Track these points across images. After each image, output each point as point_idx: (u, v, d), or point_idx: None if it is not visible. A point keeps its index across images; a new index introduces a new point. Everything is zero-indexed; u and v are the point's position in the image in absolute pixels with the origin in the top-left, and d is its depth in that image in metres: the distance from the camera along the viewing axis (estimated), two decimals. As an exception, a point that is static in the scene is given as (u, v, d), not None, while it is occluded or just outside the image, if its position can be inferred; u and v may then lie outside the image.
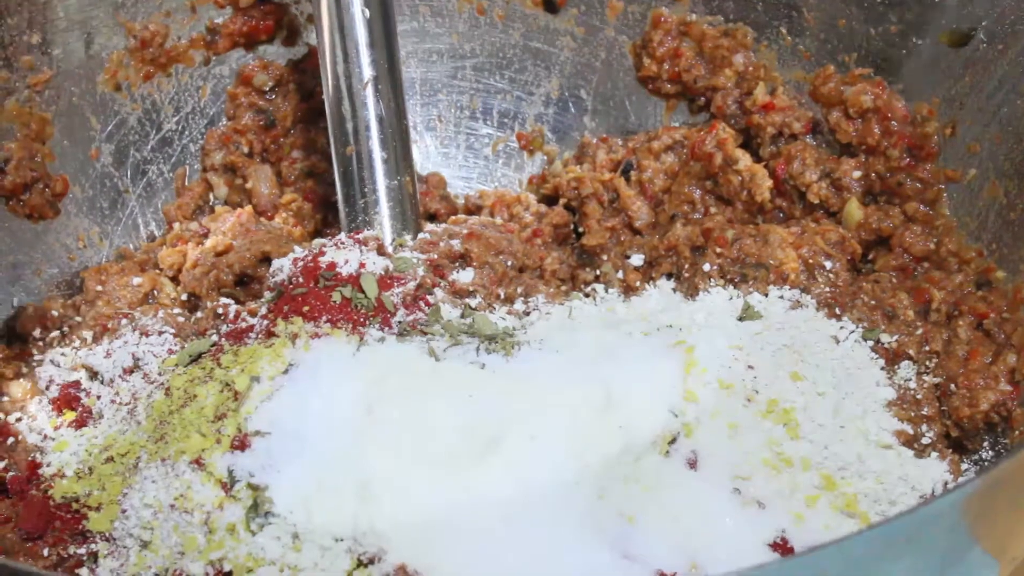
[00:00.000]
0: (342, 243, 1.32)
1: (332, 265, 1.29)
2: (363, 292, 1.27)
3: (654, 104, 1.57)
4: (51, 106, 1.41)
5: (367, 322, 1.25)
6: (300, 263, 1.30)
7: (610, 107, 1.59)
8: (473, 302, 1.30)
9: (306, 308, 1.25)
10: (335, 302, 1.27)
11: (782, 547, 1.10)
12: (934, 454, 1.21)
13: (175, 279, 1.39)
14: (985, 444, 1.28)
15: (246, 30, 1.49)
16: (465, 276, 1.32)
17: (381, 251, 1.33)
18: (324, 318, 1.24)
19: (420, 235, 1.37)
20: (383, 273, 1.29)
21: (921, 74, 1.45)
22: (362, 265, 1.29)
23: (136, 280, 1.36)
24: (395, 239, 1.37)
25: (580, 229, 1.46)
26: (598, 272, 1.41)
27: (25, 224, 1.41)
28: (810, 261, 1.33)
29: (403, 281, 1.29)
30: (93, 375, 1.26)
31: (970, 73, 1.40)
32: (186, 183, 1.53)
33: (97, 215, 1.48)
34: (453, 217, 1.46)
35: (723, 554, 1.08)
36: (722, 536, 1.10)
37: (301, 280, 1.28)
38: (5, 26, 1.37)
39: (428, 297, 1.29)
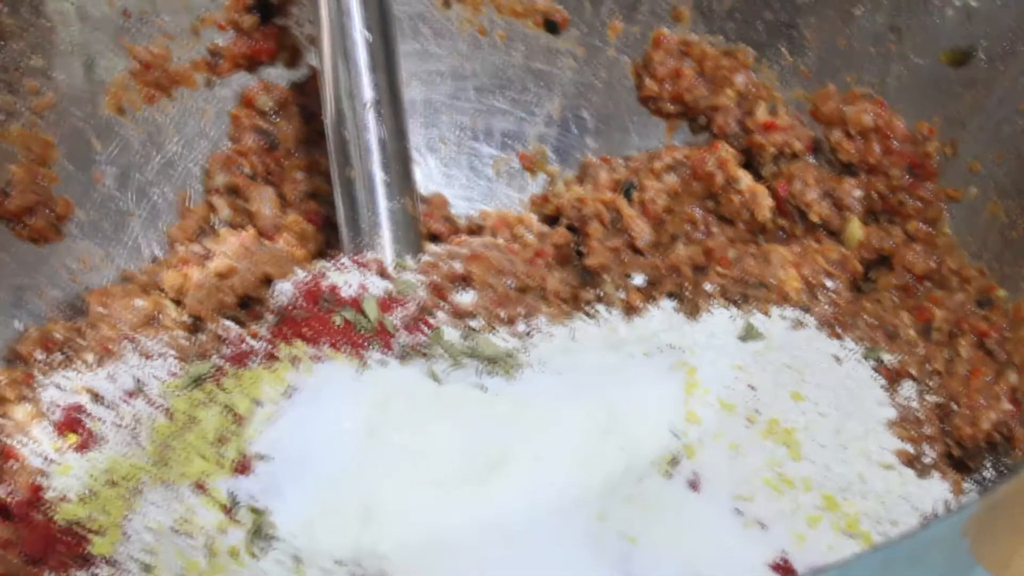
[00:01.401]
0: (343, 265, 1.33)
1: (333, 288, 1.29)
2: (364, 315, 1.28)
3: (656, 124, 1.57)
4: (54, 129, 1.42)
5: (368, 345, 1.25)
6: (302, 286, 1.30)
7: (612, 127, 1.59)
8: (475, 323, 1.30)
9: (307, 331, 1.25)
10: (337, 325, 1.27)
11: (784, 568, 1.09)
12: (936, 474, 1.20)
13: (178, 301, 1.39)
14: (987, 463, 1.27)
15: (248, 52, 1.49)
16: (467, 298, 1.32)
17: (383, 273, 1.33)
18: (325, 341, 1.24)
19: (422, 257, 1.36)
20: (384, 296, 1.30)
21: (922, 94, 1.44)
22: (363, 288, 1.29)
23: (139, 302, 1.36)
24: (397, 261, 1.37)
25: (582, 249, 1.46)
26: (600, 292, 1.40)
27: (28, 247, 1.42)
28: (811, 280, 1.33)
29: (405, 303, 1.29)
30: (96, 398, 1.27)
31: (970, 92, 1.40)
32: (189, 205, 1.53)
33: (100, 238, 1.48)
34: (455, 238, 1.47)
35: (725, 575, 1.08)
36: (724, 557, 1.10)
37: (302, 303, 1.28)
38: (8, 50, 1.37)
39: (430, 319, 1.29)
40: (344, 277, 1.31)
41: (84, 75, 1.44)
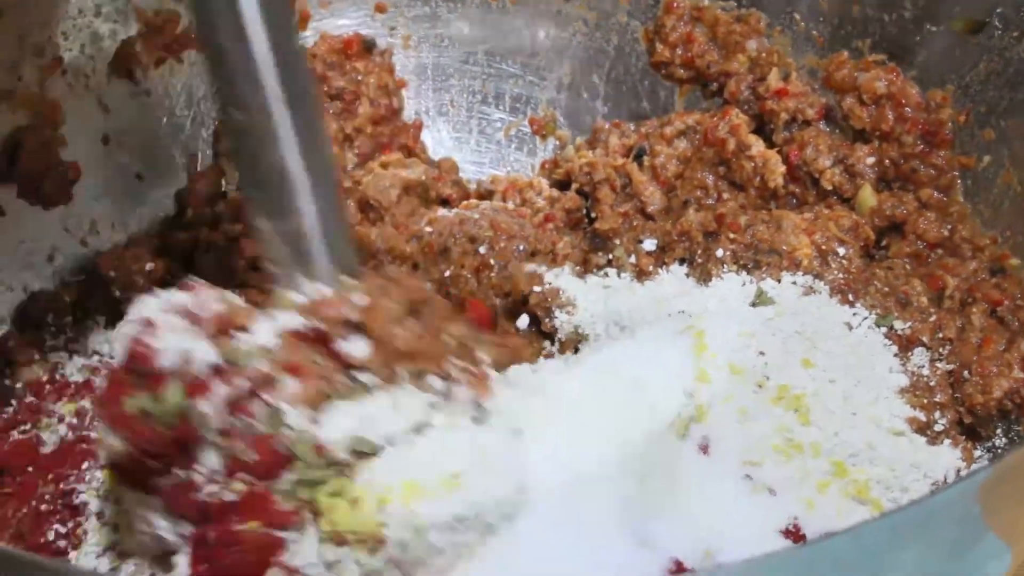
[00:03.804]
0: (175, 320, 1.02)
1: (150, 356, 1.01)
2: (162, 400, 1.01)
3: (667, 89, 1.55)
4: (63, 93, 1.39)
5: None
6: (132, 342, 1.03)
7: (622, 92, 1.57)
8: (366, 379, 1.07)
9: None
10: (127, 412, 1.00)
11: (794, 534, 1.07)
12: (947, 441, 1.19)
13: (188, 264, 1.38)
14: (999, 431, 1.25)
15: None
16: (357, 349, 1.06)
17: (221, 330, 1.03)
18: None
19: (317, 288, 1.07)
20: (207, 369, 1.01)
21: (936, 61, 1.42)
22: (186, 358, 1.01)
23: (149, 265, 1.34)
24: (281, 288, 1.08)
25: (592, 215, 1.44)
26: (610, 256, 1.38)
27: (38, 211, 1.39)
28: (823, 247, 1.30)
29: (234, 380, 1.02)
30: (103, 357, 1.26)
31: (985, 60, 1.38)
32: (199, 168, 1.52)
33: (110, 201, 1.46)
34: (465, 202, 1.45)
35: (735, 541, 1.06)
36: (734, 523, 1.08)
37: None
38: (17, 13, 1.35)
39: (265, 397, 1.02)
40: (168, 336, 1.02)
41: (92, 38, 1.41)
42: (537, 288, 1.32)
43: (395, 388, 1.06)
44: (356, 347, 1.05)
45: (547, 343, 1.32)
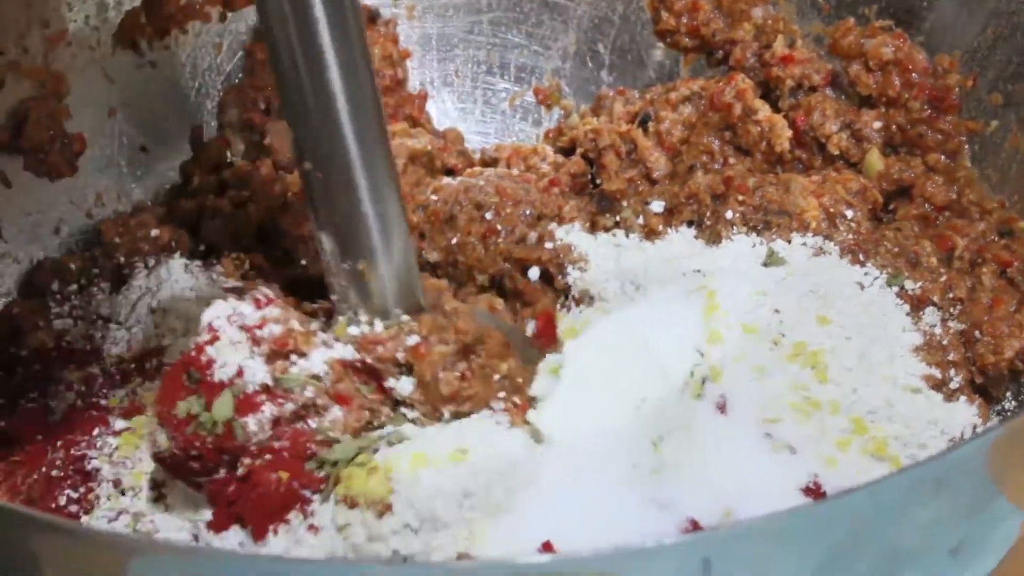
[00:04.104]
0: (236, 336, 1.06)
1: (208, 365, 1.05)
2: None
3: (672, 58, 1.54)
4: (67, 64, 1.37)
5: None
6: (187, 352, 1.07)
7: (628, 61, 1.55)
8: (410, 414, 1.10)
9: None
10: (179, 415, 1.04)
11: (815, 491, 1.05)
12: (962, 398, 1.17)
13: (194, 231, 1.36)
14: (1008, 394, 1.24)
15: None
16: (404, 387, 1.09)
17: (276, 354, 1.06)
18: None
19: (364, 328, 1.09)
20: (258, 387, 1.05)
21: (942, 26, 1.41)
22: (240, 372, 1.05)
23: (154, 232, 1.33)
24: (343, 320, 1.10)
25: (598, 181, 1.41)
26: (618, 218, 1.36)
27: (44, 182, 1.37)
28: (831, 210, 1.28)
29: (282, 402, 1.06)
30: (107, 322, 1.25)
31: (992, 25, 1.36)
32: (204, 140, 1.49)
33: (115, 173, 1.44)
34: (469, 170, 1.42)
35: (756, 500, 1.03)
36: (755, 482, 1.06)
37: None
38: None
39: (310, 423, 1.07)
40: (229, 352, 1.06)
41: (97, 9, 1.39)
42: (548, 244, 1.31)
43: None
44: (404, 386, 1.09)
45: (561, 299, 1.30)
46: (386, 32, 1.50)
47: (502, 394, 1.12)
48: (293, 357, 1.08)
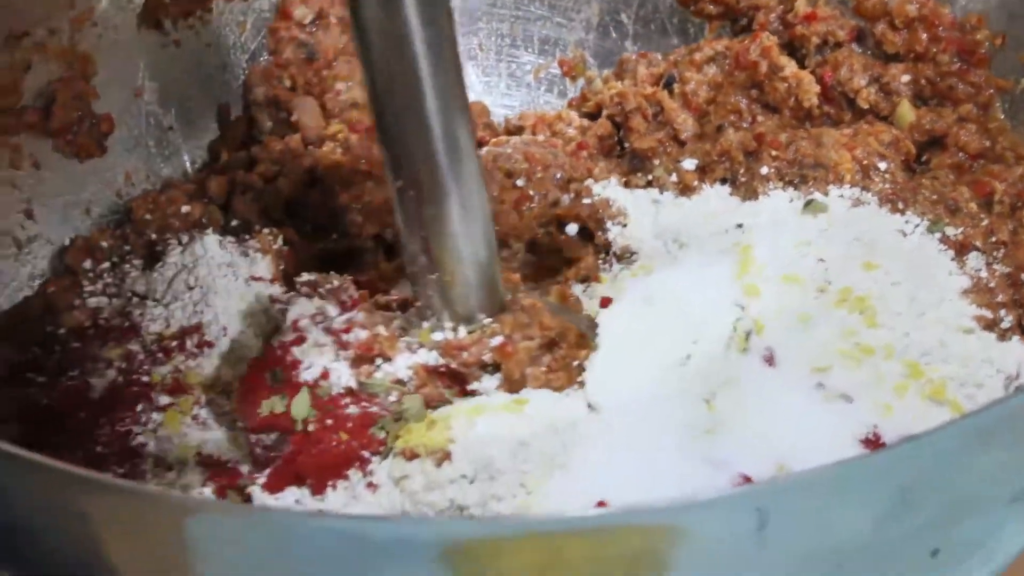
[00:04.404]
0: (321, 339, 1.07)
1: (294, 365, 1.07)
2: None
3: (696, 26, 1.51)
4: (93, 44, 1.34)
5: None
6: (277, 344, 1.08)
7: (651, 30, 1.52)
8: None
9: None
10: (260, 414, 1.06)
11: (873, 442, 1.02)
12: (1015, 338, 1.14)
13: (224, 207, 1.33)
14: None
15: None
16: (488, 387, 1.10)
17: (362, 359, 1.07)
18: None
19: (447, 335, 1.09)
20: (342, 390, 1.06)
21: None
22: (325, 374, 1.07)
23: (185, 208, 1.30)
24: (426, 326, 1.10)
25: (625, 144, 1.38)
26: (650, 177, 1.34)
27: (73, 164, 1.35)
28: (864, 162, 1.26)
29: (366, 406, 1.06)
30: (142, 299, 1.25)
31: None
32: (231, 118, 1.47)
33: (143, 153, 1.41)
34: (494, 139, 1.40)
35: (810, 453, 1.00)
36: (808, 434, 1.03)
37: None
38: None
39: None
40: (315, 354, 1.07)
41: None
42: (587, 200, 1.29)
43: None
44: (487, 385, 1.09)
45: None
46: (410, 5, 1.48)
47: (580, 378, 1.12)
48: (378, 361, 1.08)
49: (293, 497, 1.02)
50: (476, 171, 1.05)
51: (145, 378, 1.19)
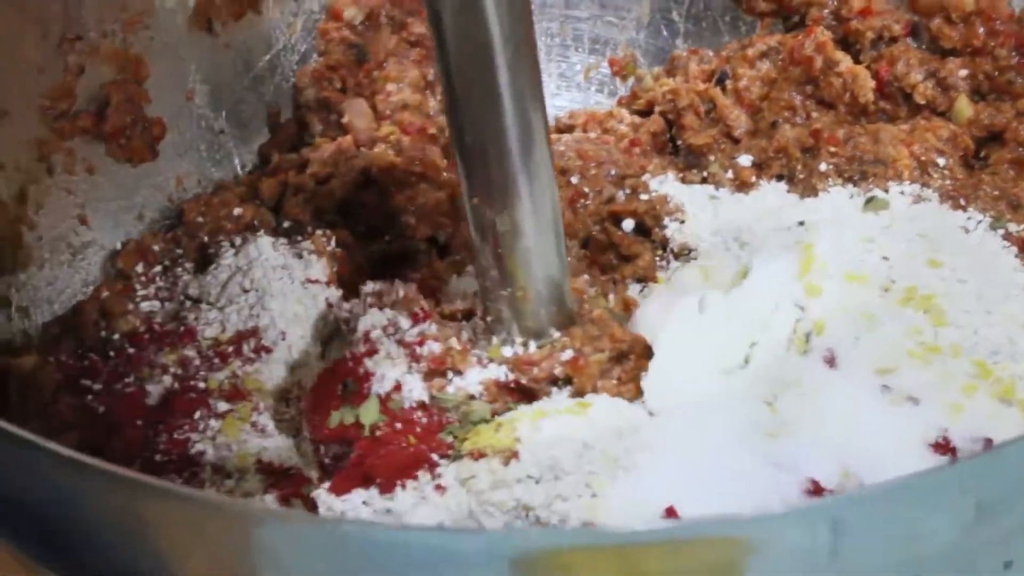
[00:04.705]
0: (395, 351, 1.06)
1: (366, 376, 1.06)
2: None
3: (748, 24, 1.47)
4: (145, 47, 1.33)
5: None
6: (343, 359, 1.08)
7: (702, 28, 1.49)
8: None
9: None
10: (330, 425, 1.05)
11: (944, 447, 0.99)
12: None
13: (276, 209, 1.31)
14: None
15: None
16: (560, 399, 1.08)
17: (434, 372, 1.06)
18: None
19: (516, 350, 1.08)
20: (414, 404, 1.04)
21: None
22: (397, 387, 1.05)
23: (237, 210, 1.28)
24: (496, 341, 1.08)
25: (678, 142, 1.36)
26: (705, 173, 1.31)
27: (125, 169, 1.33)
28: (923, 158, 1.23)
29: (433, 416, 1.05)
30: (196, 303, 1.22)
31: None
32: (281, 121, 1.45)
33: (195, 157, 1.39)
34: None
35: (877, 457, 0.98)
36: (874, 437, 1.00)
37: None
38: None
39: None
40: (388, 366, 1.05)
41: None
42: (643, 196, 1.26)
43: None
44: (559, 400, 1.07)
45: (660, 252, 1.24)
46: (460, 5, 1.46)
47: None
48: (450, 375, 1.06)
49: (360, 499, 1.00)
50: (551, 185, 1.03)
51: (202, 384, 1.16)
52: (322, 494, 1.00)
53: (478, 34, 0.92)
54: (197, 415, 1.14)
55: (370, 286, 1.13)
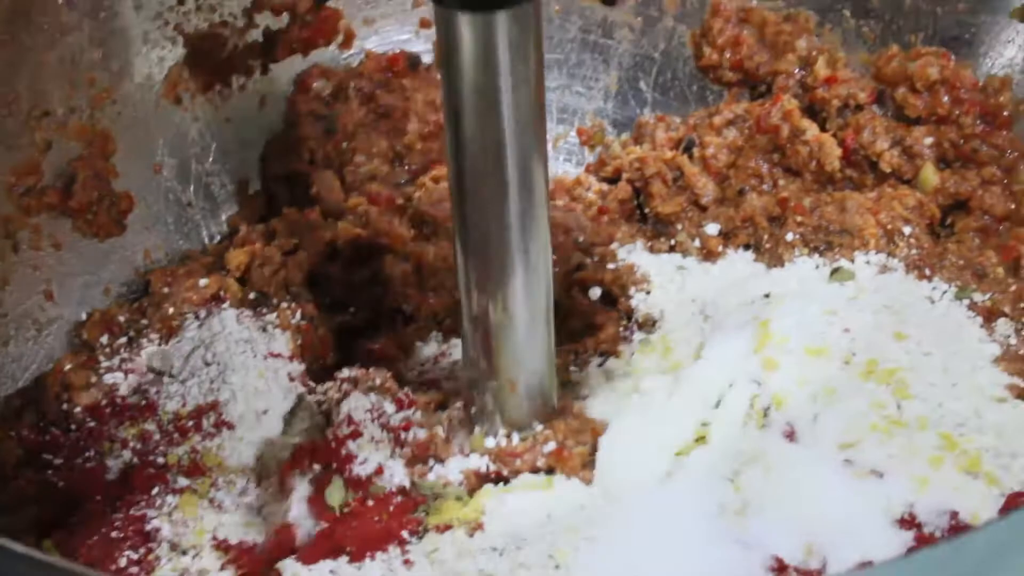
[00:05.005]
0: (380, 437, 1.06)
1: (348, 459, 1.05)
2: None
3: (715, 93, 1.46)
4: (113, 122, 1.31)
5: None
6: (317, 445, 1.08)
7: (670, 98, 1.47)
8: None
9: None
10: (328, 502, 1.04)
11: (910, 523, 0.97)
12: None
13: (242, 280, 1.28)
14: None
15: (304, 36, 1.38)
16: None
17: (415, 458, 1.06)
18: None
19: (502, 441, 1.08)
20: (394, 490, 1.04)
21: (992, 52, 1.35)
22: (379, 470, 1.05)
23: (203, 281, 1.25)
24: (478, 432, 1.09)
25: (645, 210, 1.34)
26: (673, 242, 1.29)
27: (92, 244, 1.31)
28: (889, 227, 1.21)
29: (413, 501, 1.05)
30: (159, 375, 1.20)
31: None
32: (249, 192, 1.43)
33: (163, 230, 1.37)
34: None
35: (842, 533, 0.97)
36: (837, 512, 0.98)
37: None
38: (66, 43, 1.26)
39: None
40: (370, 449, 1.06)
41: (142, 65, 1.33)
42: (611, 264, 1.24)
43: None
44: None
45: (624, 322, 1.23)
46: (428, 77, 1.45)
47: None
48: (431, 462, 1.06)
49: (328, 567, 1.00)
50: (547, 274, 1.03)
51: (161, 459, 1.14)
52: (288, 563, 0.99)
53: (494, 133, 0.93)
54: (155, 491, 1.11)
55: (346, 372, 1.13)
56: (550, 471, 1.07)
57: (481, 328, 1.03)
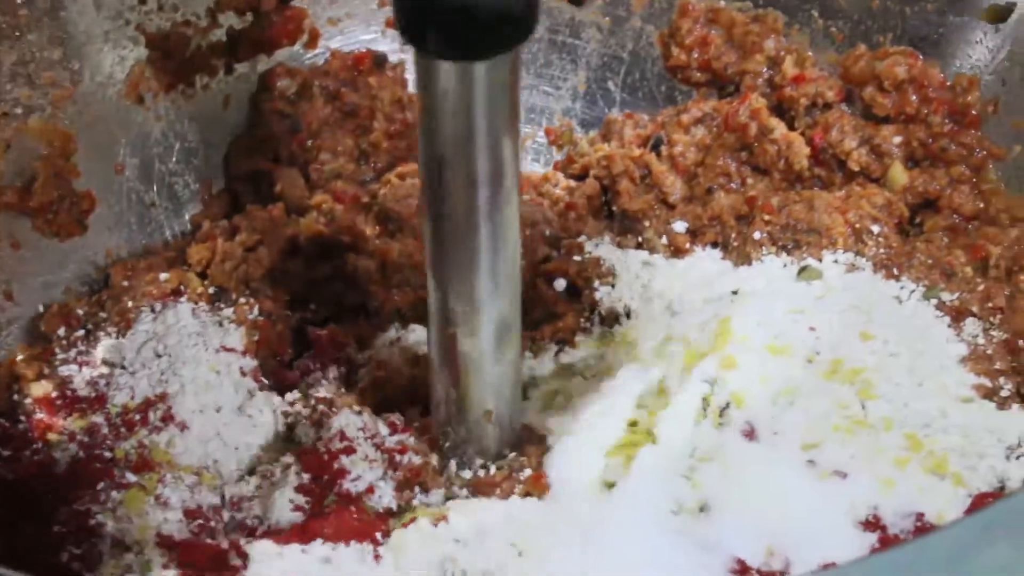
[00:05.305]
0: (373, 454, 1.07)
1: (340, 473, 1.06)
2: None
3: (684, 94, 1.43)
4: (74, 121, 1.27)
5: None
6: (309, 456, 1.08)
7: (639, 98, 1.44)
8: None
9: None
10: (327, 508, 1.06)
11: (874, 524, 0.95)
12: (1015, 406, 1.06)
13: (203, 275, 1.25)
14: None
15: (268, 36, 1.35)
16: None
17: (413, 478, 1.07)
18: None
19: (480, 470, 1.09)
20: (381, 512, 1.05)
21: (960, 52, 1.32)
22: (371, 490, 1.06)
23: (163, 275, 1.22)
24: (454, 465, 1.09)
25: (613, 207, 1.31)
26: (640, 239, 1.26)
27: (53, 244, 1.27)
28: (857, 226, 1.18)
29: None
30: (112, 368, 1.16)
31: (1011, 50, 1.27)
32: (212, 192, 1.39)
33: (125, 230, 1.33)
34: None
35: (805, 535, 0.95)
36: (800, 513, 0.96)
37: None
38: (25, 42, 1.23)
39: None
40: (363, 467, 1.06)
41: (103, 65, 1.29)
42: (577, 257, 1.21)
43: None
44: None
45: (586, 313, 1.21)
46: (395, 76, 1.42)
47: None
48: (416, 488, 1.06)
49: (300, 548, 1.00)
50: (516, 295, 1.01)
51: (108, 454, 1.11)
52: (257, 544, 0.99)
53: (471, 172, 0.92)
54: (100, 486, 1.08)
55: (321, 392, 1.14)
56: (527, 496, 1.06)
57: (449, 359, 1.02)
